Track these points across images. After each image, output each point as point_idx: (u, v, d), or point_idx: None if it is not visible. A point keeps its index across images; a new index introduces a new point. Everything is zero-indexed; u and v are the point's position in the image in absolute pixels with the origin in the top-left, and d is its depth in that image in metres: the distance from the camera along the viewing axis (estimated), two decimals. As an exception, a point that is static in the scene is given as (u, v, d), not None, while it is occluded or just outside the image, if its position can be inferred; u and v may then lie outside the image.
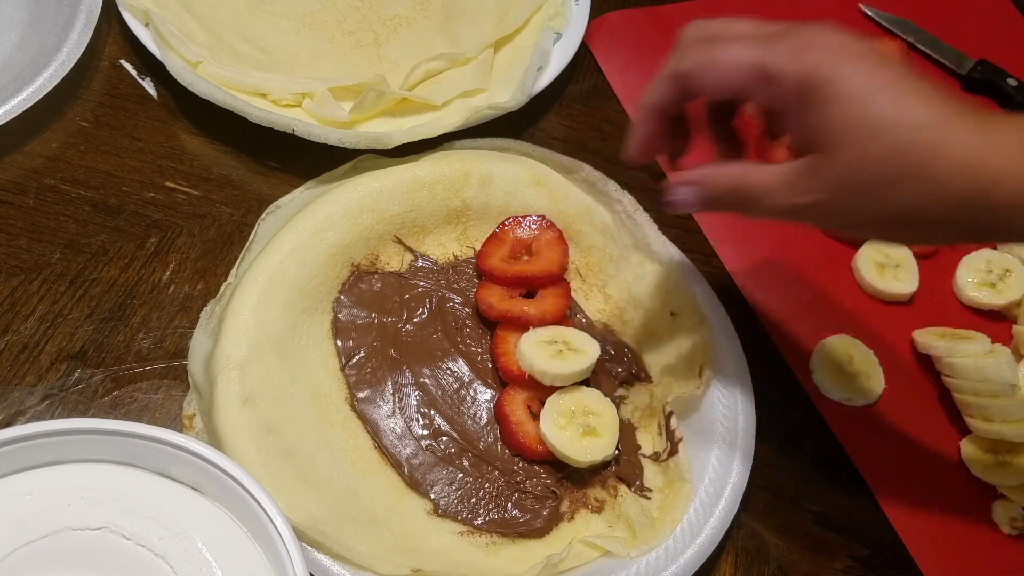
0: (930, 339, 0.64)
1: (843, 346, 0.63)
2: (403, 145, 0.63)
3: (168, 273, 0.59)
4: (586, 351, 0.56)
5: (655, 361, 0.61)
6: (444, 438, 0.55)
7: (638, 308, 0.62)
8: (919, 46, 0.84)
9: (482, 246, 0.62)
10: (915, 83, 0.40)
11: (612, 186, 0.64)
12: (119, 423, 0.45)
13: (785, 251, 0.69)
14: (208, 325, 0.55)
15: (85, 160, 0.63)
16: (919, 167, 0.39)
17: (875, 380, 0.63)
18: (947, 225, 0.41)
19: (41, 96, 0.61)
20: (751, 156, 0.50)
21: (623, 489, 0.55)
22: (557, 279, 0.60)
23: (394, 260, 0.61)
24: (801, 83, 0.41)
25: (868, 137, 0.40)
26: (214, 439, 0.50)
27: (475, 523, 0.53)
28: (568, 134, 0.72)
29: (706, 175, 0.46)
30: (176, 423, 0.53)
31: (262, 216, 0.60)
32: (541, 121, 0.73)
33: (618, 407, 0.57)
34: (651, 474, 0.56)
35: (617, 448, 0.56)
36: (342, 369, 0.56)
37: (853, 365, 0.63)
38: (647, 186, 0.70)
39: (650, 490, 0.55)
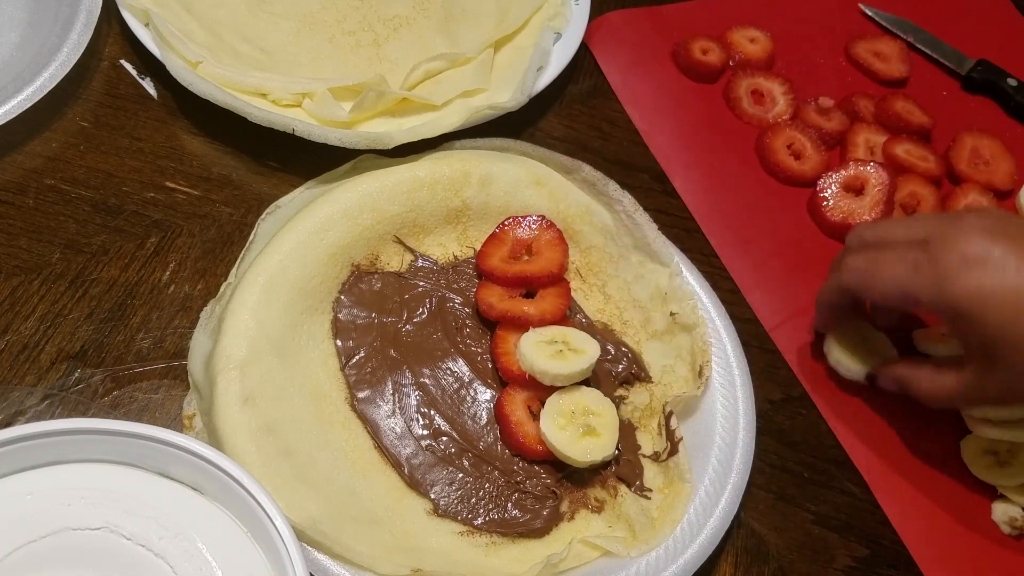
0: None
1: (854, 327, 0.64)
2: (403, 145, 0.63)
3: (168, 273, 0.59)
4: (586, 351, 0.56)
5: (655, 361, 0.61)
6: (444, 438, 0.55)
7: (638, 308, 0.62)
8: (919, 46, 0.84)
9: (482, 246, 0.62)
10: None
11: (612, 186, 0.64)
12: (119, 423, 0.45)
13: (785, 251, 0.69)
14: (208, 325, 0.55)
15: (85, 160, 0.63)
16: None
17: (889, 355, 0.63)
18: None
19: (41, 96, 0.61)
20: None
21: (623, 489, 0.55)
22: (557, 279, 0.60)
23: (394, 260, 0.61)
24: (949, 311, 0.47)
25: (1021, 346, 0.46)
26: (214, 439, 0.50)
27: (475, 523, 0.53)
28: (568, 134, 0.72)
29: (906, 373, 0.56)
30: (176, 423, 0.53)
31: (262, 216, 0.60)
32: (541, 121, 0.73)
33: (618, 407, 0.57)
34: (651, 474, 0.56)
35: (617, 448, 0.56)
36: (342, 369, 0.56)
37: (867, 343, 0.63)
38: (647, 186, 0.70)
39: (650, 490, 0.55)
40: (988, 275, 0.45)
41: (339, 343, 0.57)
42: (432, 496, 0.53)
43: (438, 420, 0.56)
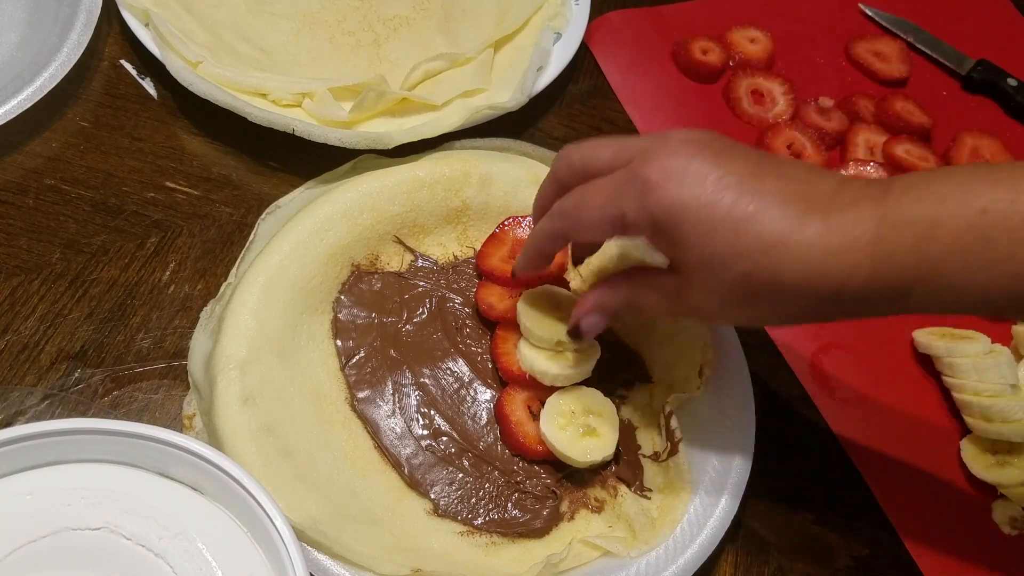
0: (930, 339, 0.64)
1: (545, 295, 0.63)
2: (403, 145, 0.63)
3: (168, 273, 0.59)
4: (587, 351, 0.56)
5: (655, 361, 0.61)
6: (444, 438, 0.55)
7: (638, 308, 0.62)
8: (919, 46, 0.84)
9: (482, 246, 0.62)
10: (759, 196, 0.42)
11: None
12: (119, 423, 0.45)
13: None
14: (208, 325, 0.55)
15: (85, 160, 0.63)
16: (768, 288, 0.42)
17: None
18: (808, 319, 0.45)
19: (41, 96, 0.61)
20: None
21: (623, 489, 0.55)
22: (557, 279, 0.60)
23: (394, 260, 0.61)
24: (653, 227, 0.44)
25: (718, 268, 0.43)
26: (214, 439, 0.50)
27: (475, 523, 0.53)
28: (568, 134, 0.72)
29: (604, 303, 0.51)
30: (176, 423, 0.53)
31: (262, 216, 0.60)
32: (541, 121, 0.73)
33: (618, 407, 0.57)
34: (651, 474, 0.56)
35: (617, 448, 0.56)
36: (342, 369, 0.56)
37: (560, 309, 0.63)
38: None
39: (650, 490, 0.55)
40: (686, 188, 0.43)
41: (339, 343, 0.57)
42: (432, 496, 0.53)
43: (438, 420, 0.56)
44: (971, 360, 0.60)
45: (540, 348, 0.56)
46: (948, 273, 0.40)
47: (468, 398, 0.57)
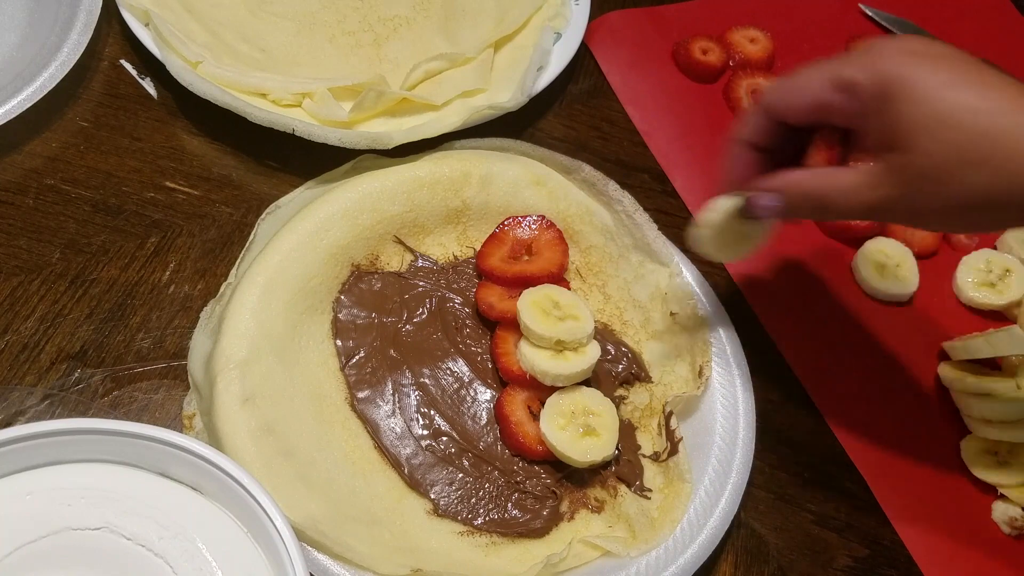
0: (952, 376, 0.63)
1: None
2: (403, 145, 0.63)
3: (168, 273, 0.59)
4: (587, 351, 0.56)
5: (655, 361, 0.61)
6: (444, 438, 0.55)
7: (638, 308, 0.62)
8: (919, 46, 0.84)
9: (482, 246, 0.62)
10: (988, 76, 0.43)
11: (612, 186, 0.64)
12: (119, 423, 0.45)
13: (785, 251, 0.69)
14: (208, 325, 0.55)
15: (85, 160, 0.63)
16: (991, 153, 0.41)
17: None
18: (1015, 208, 0.43)
19: (41, 96, 0.61)
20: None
21: (623, 489, 0.55)
22: (557, 279, 0.60)
23: (394, 260, 0.61)
24: (877, 87, 0.43)
25: (942, 128, 0.42)
26: (214, 439, 0.50)
27: (475, 523, 0.53)
28: (568, 134, 0.72)
29: (789, 183, 0.48)
30: (176, 423, 0.53)
31: (262, 216, 0.60)
32: (541, 121, 0.73)
33: (618, 407, 0.57)
34: (651, 474, 0.56)
35: (617, 448, 0.56)
36: (342, 369, 0.56)
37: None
38: (647, 186, 0.70)
39: (650, 490, 0.55)
40: (918, 57, 0.43)
41: (339, 343, 0.57)
42: (432, 496, 0.53)
43: (438, 420, 0.56)
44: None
45: (540, 348, 0.56)
46: None
47: (468, 398, 0.57)
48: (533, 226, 0.62)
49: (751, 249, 0.53)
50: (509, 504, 0.54)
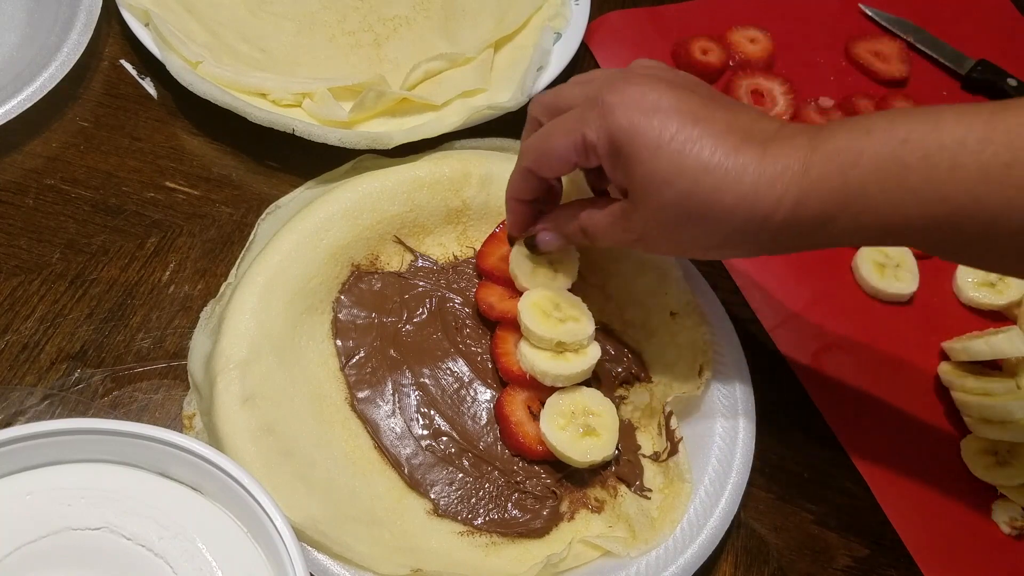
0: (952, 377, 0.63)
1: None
2: (403, 145, 0.63)
3: (168, 273, 0.59)
4: (587, 351, 0.56)
5: (655, 361, 0.61)
6: (444, 438, 0.55)
7: (638, 308, 0.62)
8: (919, 46, 0.84)
9: (482, 246, 0.62)
10: (706, 125, 0.45)
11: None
12: (119, 423, 0.45)
13: (785, 251, 0.69)
14: (208, 325, 0.55)
15: (85, 160, 0.63)
16: (704, 208, 0.46)
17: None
18: (742, 248, 0.48)
19: (41, 96, 0.61)
20: None
21: (623, 489, 0.55)
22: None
23: (394, 260, 0.61)
24: (610, 147, 0.48)
25: (661, 187, 0.46)
26: (214, 439, 0.50)
27: (475, 523, 0.53)
28: (568, 134, 0.72)
29: (560, 222, 0.55)
30: (176, 423, 0.53)
31: (262, 216, 0.60)
32: (541, 121, 0.72)
33: (618, 407, 0.57)
34: (651, 474, 0.56)
35: (617, 448, 0.56)
36: (342, 369, 0.56)
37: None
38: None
39: (650, 490, 0.55)
40: (642, 112, 0.46)
41: (339, 343, 0.57)
42: (432, 496, 0.53)
43: (438, 420, 0.56)
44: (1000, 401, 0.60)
45: (540, 348, 0.56)
46: (870, 199, 0.43)
47: (468, 398, 0.57)
48: (533, 226, 0.62)
49: (569, 276, 0.59)
50: (509, 504, 0.54)
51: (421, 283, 0.60)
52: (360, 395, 0.56)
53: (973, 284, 0.68)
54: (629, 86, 0.47)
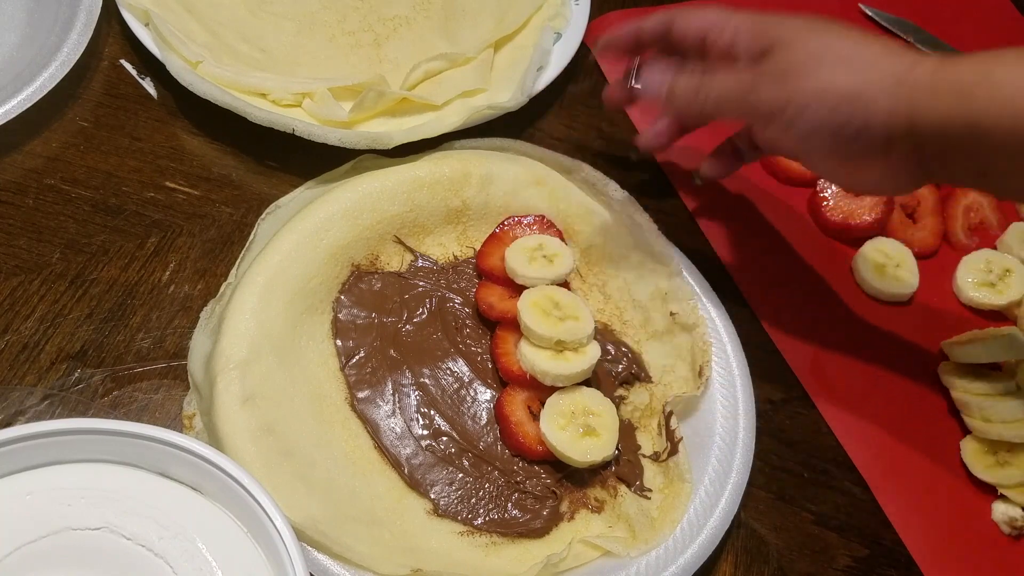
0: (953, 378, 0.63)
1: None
2: (403, 145, 0.63)
3: (168, 273, 0.59)
4: (586, 351, 0.56)
5: (655, 361, 0.61)
6: (444, 438, 0.55)
7: (638, 308, 0.62)
8: (919, 46, 0.84)
9: (482, 246, 0.62)
10: (844, 28, 0.50)
11: (612, 186, 0.64)
12: (119, 423, 0.45)
13: (785, 251, 0.69)
14: (208, 325, 0.55)
15: (85, 160, 0.63)
16: (848, 54, 0.48)
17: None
18: (874, 104, 0.47)
19: (41, 96, 0.61)
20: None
21: (623, 489, 0.55)
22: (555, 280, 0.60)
23: (394, 260, 0.61)
24: (754, 30, 0.51)
25: (806, 38, 0.49)
26: (214, 439, 0.50)
27: (475, 523, 0.53)
28: (568, 134, 0.72)
29: (674, 78, 0.55)
30: (176, 423, 0.53)
31: (262, 216, 0.60)
32: (541, 121, 0.73)
33: (618, 407, 0.57)
34: (651, 474, 0.56)
35: (617, 448, 0.56)
36: (342, 369, 0.56)
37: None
38: (647, 186, 0.70)
39: (650, 490, 0.55)
40: (796, 20, 0.51)
41: (339, 343, 0.57)
42: (432, 496, 0.53)
43: (438, 420, 0.56)
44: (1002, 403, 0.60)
45: (540, 348, 0.56)
46: (1009, 71, 0.44)
47: (468, 398, 0.57)
48: (533, 226, 0.62)
49: (564, 267, 0.59)
50: (509, 504, 0.54)
51: (421, 283, 0.60)
52: (360, 395, 0.56)
53: (973, 284, 0.68)
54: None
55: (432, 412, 0.56)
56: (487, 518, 0.53)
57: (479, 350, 0.59)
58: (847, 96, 0.47)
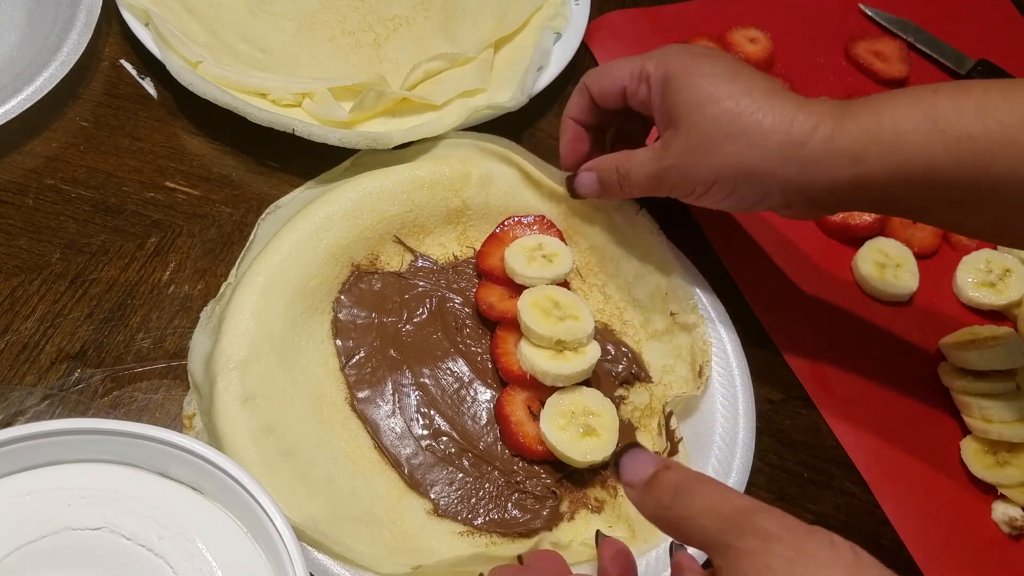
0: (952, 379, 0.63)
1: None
2: (403, 145, 0.63)
3: (168, 273, 0.59)
4: (586, 351, 0.56)
5: (655, 361, 0.61)
6: (444, 438, 0.55)
7: (638, 308, 0.62)
8: (919, 46, 0.84)
9: (482, 246, 0.62)
10: (746, 71, 0.53)
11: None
12: (119, 423, 0.45)
13: (785, 251, 0.69)
14: (208, 325, 0.55)
15: (85, 160, 0.63)
16: (743, 126, 0.50)
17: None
18: (771, 177, 0.51)
19: (41, 96, 0.61)
20: None
21: (623, 489, 0.55)
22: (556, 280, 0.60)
23: (394, 260, 0.61)
24: (664, 76, 0.54)
25: (705, 106, 0.51)
26: (214, 439, 0.50)
27: (475, 523, 0.53)
28: (568, 134, 0.72)
29: (599, 162, 0.59)
30: (176, 423, 0.53)
31: (262, 216, 0.60)
32: (541, 121, 0.72)
33: (618, 407, 0.57)
34: (651, 474, 0.56)
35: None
36: (342, 369, 0.56)
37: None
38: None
39: (650, 490, 0.55)
40: (697, 57, 0.53)
41: (339, 343, 0.57)
42: (432, 496, 0.53)
43: (438, 420, 0.56)
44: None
45: (540, 348, 0.56)
46: (900, 135, 0.48)
47: (468, 398, 0.57)
48: (533, 226, 0.62)
49: (563, 266, 0.60)
50: (509, 504, 0.54)
51: (421, 283, 0.60)
52: (360, 395, 0.56)
53: (973, 284, 0.68)
54: (682, 48, 0.56)
55: (432, 412, 0.56)
56: (487, 518, 0.53)
57: (479, 350, 0.59)
58: (746, 172, 0.51)
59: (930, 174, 0.47)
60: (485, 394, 0.57)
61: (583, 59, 0.76)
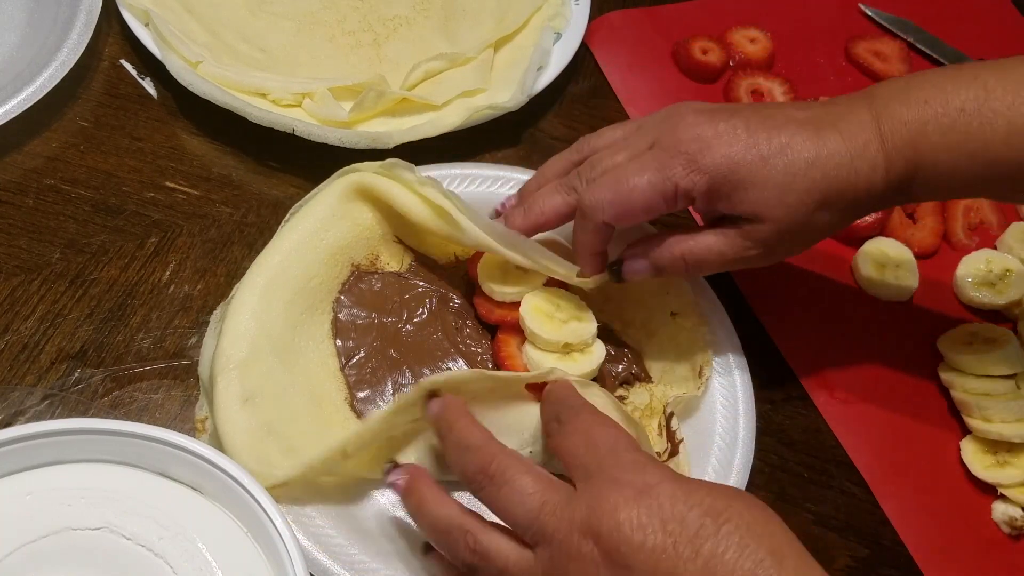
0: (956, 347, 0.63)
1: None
2: (402, 145, 0.63)
3: (168, 273, 0.59)
4: (592, 350, 0.56)
5: (655, 361, 0.60)
6: (444, 438, 0.55)
7: (638, 308, 0.62)
8: (919, 46, 0.84)
9: (473, 254, 0.61)
10: (781, 130, 0.50)
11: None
12: (119, 423, 0.45)
13: (785, 251, 0.69)
14: (216, 328, 0.55)
15: (85, 160, 0.63)
16: (824, 195, 0.50)
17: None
18: (850, 218, 0.53)
19: (41, 96, 0.61)
20: None
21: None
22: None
23: (394, 260, 0.61)
24: (710, 186, 0.50)
25: (783, 195, 0.50)
26: (214, 439, 0.50)
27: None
28: (568, 134, 0.72)
29: (653, 252, 0.54)
30: (176, 423, 0.53)
31: (286, 217, 0.59)
32: (541, 121, 0.73)
33: (618, 407, 0.57)
34: (651, 474, 0.56)
35: (617, 448, 0.56)
36: (342, 369, 0.56)
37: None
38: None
39: (650, 490, 0.55)
40: (726, 145, 0.50)
41: (339, 343, 0.57)
42: (432, 496, 0.53)
43: (438, 420, 0.56)
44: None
45: (547, 351, 0.56)
46: (940, 165, 0.49)
47: (468, 398, 0.57)
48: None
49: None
50: (509, 504, 0.54)
51: (421, 283, 0.60)
52: (360, 395, 0.56)
53: (973, 284, 0.68)
54: (692, 127, 0.51)
55: (432, 412, 0.56)
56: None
57: (479, 350, 0.59)
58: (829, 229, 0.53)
59: (973, 184, 0.51)
60: (485, 394, 0.57)
61: (583, 59, 0.76)
